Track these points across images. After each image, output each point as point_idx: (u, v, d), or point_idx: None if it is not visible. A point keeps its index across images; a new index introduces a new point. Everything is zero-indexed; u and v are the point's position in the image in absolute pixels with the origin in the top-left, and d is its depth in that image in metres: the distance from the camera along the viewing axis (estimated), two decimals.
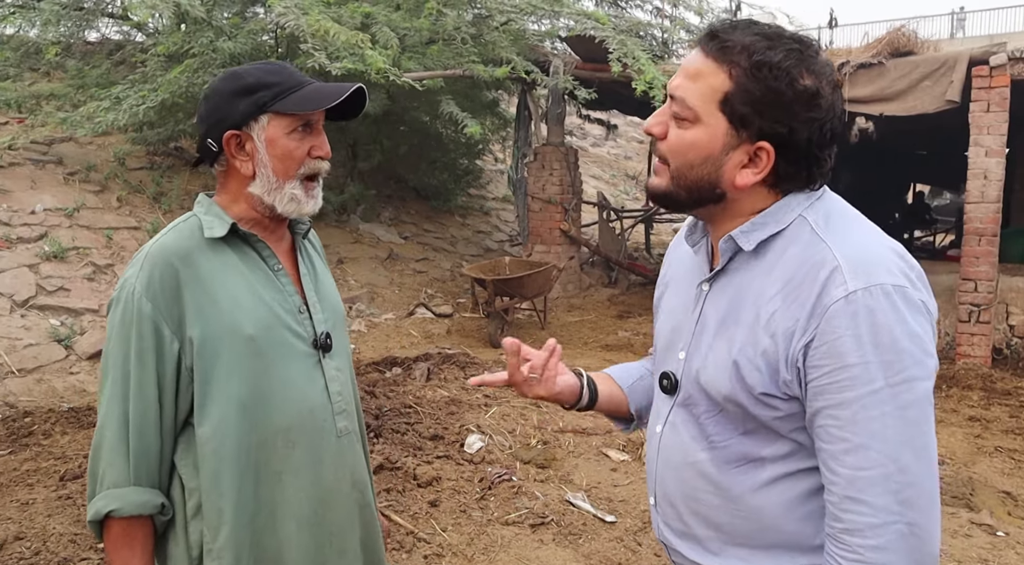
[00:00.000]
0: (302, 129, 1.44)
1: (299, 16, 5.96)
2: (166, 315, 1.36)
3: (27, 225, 6.83)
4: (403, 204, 10.84)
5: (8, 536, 2.87)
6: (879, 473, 1.02)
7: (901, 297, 1.04)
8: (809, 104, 1.07)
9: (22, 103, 7.93)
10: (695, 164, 1.12)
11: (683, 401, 1.23)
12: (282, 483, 1.44)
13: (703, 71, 1.10)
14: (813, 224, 1.12)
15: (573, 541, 3.41)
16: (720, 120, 1.09)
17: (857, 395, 1.02)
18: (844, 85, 6.46)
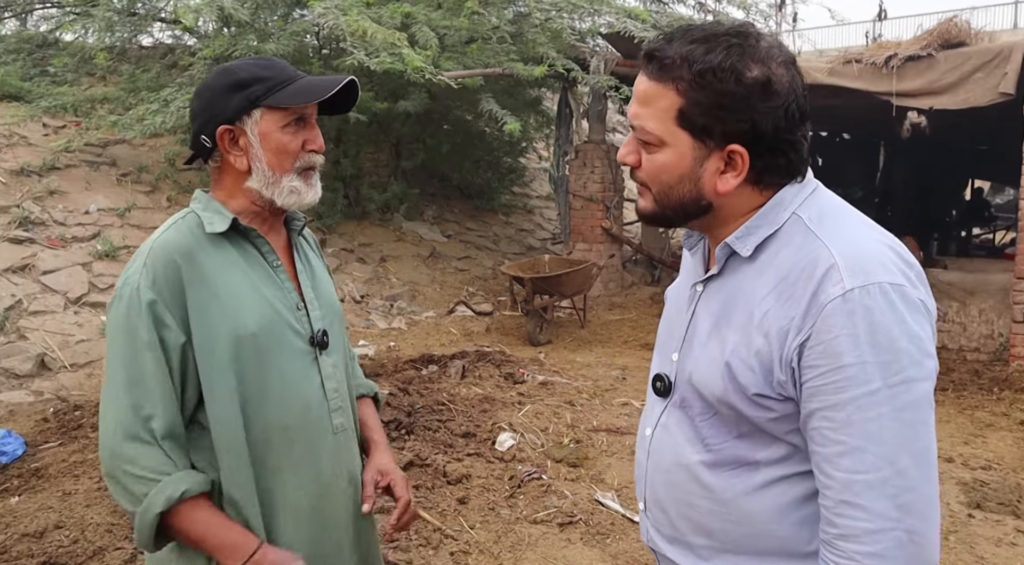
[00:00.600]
0: (295, 123, 1.44)
1: (338, 16, 6.03)
2: (170, 310, 1.36)
3: (81, 225, 7.07)
4: (446, 203, 10.91)
5: (49, 525, 2.97)
6: (876, 477, 0.99)
7: (900, 296, 1.01)
8: (764, 94, 1.05)
9: (78, 107, 8.20)
10: (673, 184, 1.12)
11: (677, 403, 1.21)
12: (281, 479, 1.46)
13: (651, 94, 1.09)
14: (807, 221, 1.10)
15: (601, 541, 3.39)
16: (682, 137, 1.08)
17: (853, 396, 1.00)
18: (892, 79, 6.28)
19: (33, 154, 7.75)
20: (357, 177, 9.32)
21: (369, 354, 6.27)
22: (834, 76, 6.55)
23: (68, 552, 2.79)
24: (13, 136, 8.01)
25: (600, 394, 5.28)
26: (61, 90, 8.42)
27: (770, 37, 1.10)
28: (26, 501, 3.38)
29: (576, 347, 6.89)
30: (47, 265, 6.37)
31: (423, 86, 7.37)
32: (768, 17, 8.88)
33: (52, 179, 7.48)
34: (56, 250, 6.60)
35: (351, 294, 7.76)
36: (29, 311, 5.87)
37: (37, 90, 8.61)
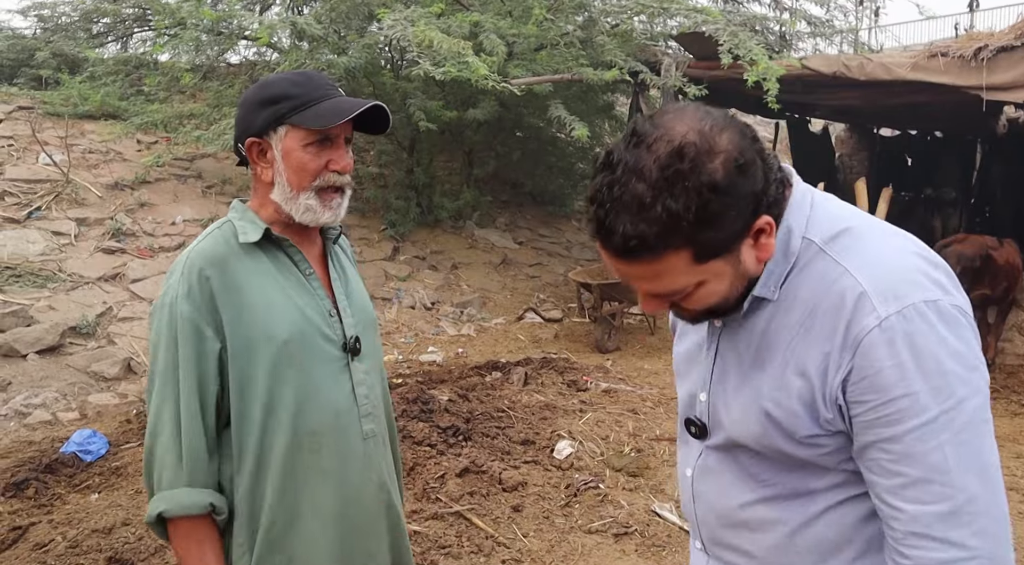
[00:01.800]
0: (319, 142, 1.46)
1: (406, 27, 6.14)
2: (206, 319, 1.40)
3: (168, 235, 7.43)
4: (519, 209, 10.93)
5: (117, 522, 3.12)
6: (947, 507, 0.95)
7: (936, 313, 0.97)
8: (741, 172, 0.95)
9: (167, 123, 8.63)
10: (727, 293, 1.05)
11: (719, 445, 1.16)
12: (309, 484, 1.47)
13: (657, 271, 0.99)
14: (821, 245, 1.04)
15: (656, 553, 3.31)
16: (714, 265, 1.00)
17: (909, 427, 0.96)
18: (981, 72, 5.92)
19: (127, 169, 8.21)
20: (430, 185, 9.45)
21: (437, 361, 6.33)
22: (917, 71, 6.24)
23: (133, 548, 2.92)
24: (110, 152, 8.51)
25: (665, 402, 5.17)
26: (153, 108, 8.88)
27: (687, 120, 0.96)
28: (102, 499, 3.55)
29: (645, 354, 6.78)
30: (136, 274, 6.72)
31: (492, 94, 7.41)
32: (848, 12, 8.53)
33: (143, 192, 7.89)
34: (144, 259, 6.96)
35: (422, 301, 7.86)
36: (118, 317, 6.19)
37: (132, 108, 9.11)
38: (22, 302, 5.87)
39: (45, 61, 10.16)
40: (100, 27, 11.40)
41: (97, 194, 7.62)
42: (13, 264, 6.32)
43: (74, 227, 7.04)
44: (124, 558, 2.86)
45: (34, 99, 9.23)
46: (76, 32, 11.12)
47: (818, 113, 10.41)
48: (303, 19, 6.48)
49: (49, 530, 3.12)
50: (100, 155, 8.36)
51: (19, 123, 8.53)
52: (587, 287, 6.96)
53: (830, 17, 8.00)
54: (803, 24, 7.72)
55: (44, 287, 6.19)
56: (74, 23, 11.26)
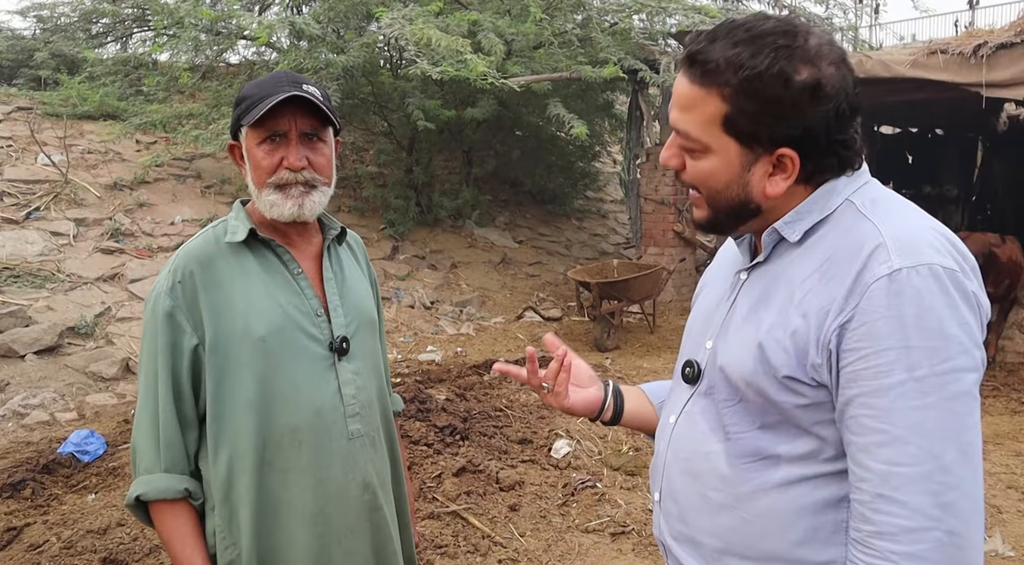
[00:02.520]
0: (270, 140, 1.47)
1: (404, 26, 6.13)
2: (186, 315, 1.44)
3: (166, 235, 7.42)
4: (519, 208, 10.93)
5: (112, 522, 3.11)
6: (918, 471, 0.93)
7: (952, 280, 0.95)
8: (814, 97, 0.99)
9: (166, 123, 8.63)
10: (720, 190, 1.08)
11: (705, 390, 1.17)
12: (288, 481, 1.48)
13: (694, 99, 1.04)
14: (859, 207, 1.05)
15: (653, 552, 3.30)
16: (729, 143, 1.04)
17: (897, 381, 0.94)
18: (980, 69, 5.91)
19: (126, 169, 8.21)
20: (429, 184, 9.44)
21: (436, 360, 6.33)
22: (917, 68, 6.22)
23: (127, 549, 2.91)
24: (109, 152, 8.51)
25: None
26: (152, 108, 8.88)
27: (820, 33, 1.04)
28: (98, 499, 3.55)
29: (644, 353, 6.77)
30: (134, 274, 6.72)
31: (491, 93, 7.40)
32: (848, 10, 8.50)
33: (142, 192, 7.89)
34: (143, 259, 6.95)
35: (421, 300, 7.86)
36: (116, 318, 6.19)
37: (131, 109, 9.11)
38: (20, 302, 5.86)
39: (44, 62, 10.17)
40: (99, 27, 11.40)
41: (96, 194, 7.61)
42: (11, 264, 6.32)
43: (73, 227, 7.04)
44: (118, 559, 2.85)
45: (33, 100, 9.23)
46: (75, 33, 11.13)
47: None
48: (301, 19, 6.47)
49: (44, 531, 3.11)
50: (99, 155, 8.36)
51: (18, 124, 8.53)
52: (586, 286, 6.94)
53: (829, 15, 7.98)
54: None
55: (42, 287, 6.18)
56: (73, 24, 11.27)
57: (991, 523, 3.59)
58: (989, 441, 4.68)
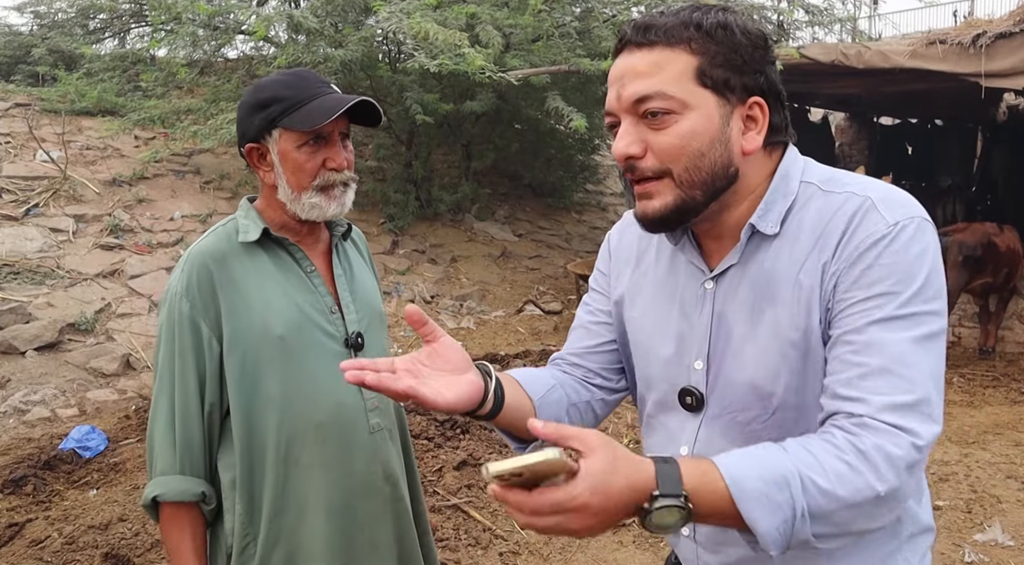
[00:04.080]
0: (313, 142, 1.47)
1: (401, 19, 6.11)
2: (204, 314, 1.44)
3: (166, 231, 7.42)
4: (518, 202, 10.91)
5: (113, 518, 3.12)
6: (908, 399, 0.92)
7: (932, 234, 1.01)
8: (765, 47, 1.06)
9: (165, 119, 8.62)
10: (704, 152, 1.02)
11: (718, 413, 1.10)
12: (313, 476, 1.50)
13: (659, 61, 1.02)
14: (820, 185, 1.07)
15: (654, 545, 3.30)
16: (706, 96, 1.02)
17: (883, 316, 0.95)
18: (980, 59, 5.89)
19: (124, 165, 8.20)
20: (428, 179, 9.43)
21: None
22: (916, 58, 6.20)
23: (129, 544, 2.92)
24: (107, 148, 8.50)
25: None
26: (150, 104, 8.86)
27: None
28: (99, 495, 3.56)
29: None
30: (134, 270, 6.72)
31: (490, 86, 7.39)
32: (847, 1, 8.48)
33: (141, 188, 7.88)
34: (142, 255, 6.95)
35: (421, 294, 7.86)
36: (117, 314, 6.19)
37: (130, 104, 9.10)
38: (20, 299, 5.87)
39: (42, 58, 10.14)
40: (96, 23, 11.37)
41: (95, 190, 7.61)
42: (11, 261, 6.32)
43: (72, 224, 7.04)
44: (120, 554, 2.86)
45: (31, 96, 9.22)
46: (72, 28, 11.10)
47: (817, 102, 10.38)
48: (299, 12, 6.45)
49: (46, 526, 3.12)
50: (98, 151, 8.35)
51: (16, 120, 8.52)
52: (586, 279, 6.94)
53: (829, 5, 7.95)
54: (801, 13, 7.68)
55: (42, 284, 6.19)
56: (70, 19, 11.23)
57: (991, 513, 3.59)
58: (989, 431, 4.69)
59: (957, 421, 4.78)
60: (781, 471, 0.88)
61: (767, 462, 0.90)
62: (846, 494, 0.88)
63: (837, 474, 0.89)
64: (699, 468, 0.88)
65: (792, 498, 0.87)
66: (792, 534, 0.88)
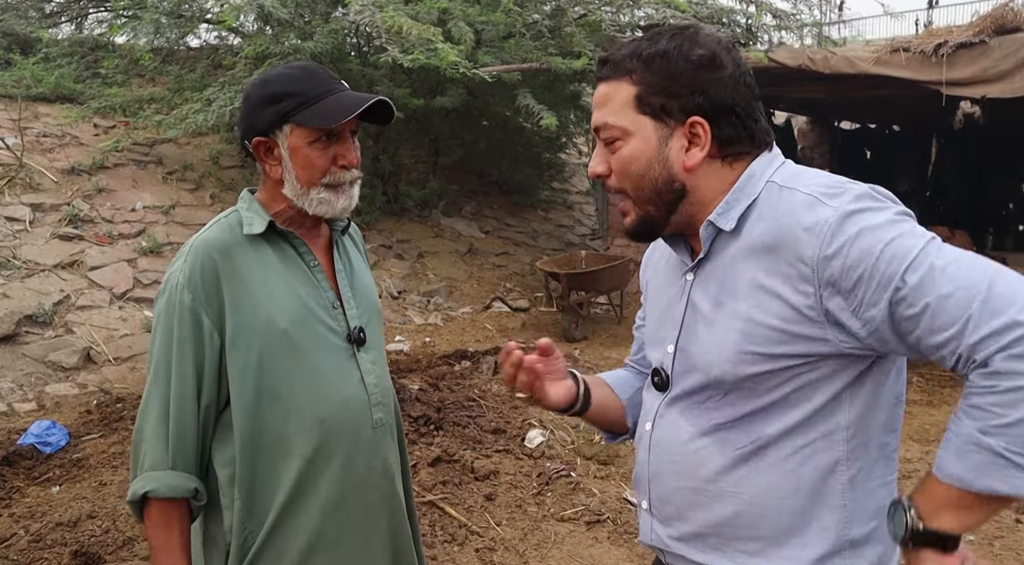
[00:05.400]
0: (325, 139, 1.45)
1: (374, 13, 6.06)
2: (206, 306, 1.41)
3: (127, 222, 7.25)
4: (485, 199, 10.91)
5: (82, 514, 3.04)
6: (979, 303, 0.94)
7: (875, 193, 1.07)
8: (711, 67, 1.11)
9: (126, 107, 8.41)
10: (644, 172, 1.14)
11: (679, 394, 1.20)
12: (315, 470, 1.48)
13: (608, 93, 1.15)
14: (780, 183, 1.13)
15: (629, 540, 3.34)
16: (644, 121, 1.13)
17: (904, 268, 0.98)
18: (941, 67, 6.05)
19: (84, 154, 7.98)
20: (396, 174, 9.37)
21: (404, 350, 6.30)
22: (880, 65, 6.34)
23: (99, 541, 2.85)
24: (66, 136, 8.26)
25: None
26: (111, 91, 8.64)
27: (710, 28, 1.18)
28: (64, 491, 3.47)
29: (612, 344, 6.82)
30: (94, 261, 6.55)
31: (460, 82, 7.37)
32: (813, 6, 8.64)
33: (101, 178, 7.68)
34: (103, 246, 6.78)
35: (388, 290, 7.81)
36: (76, 306, 6.04)
37: (89, 92, 8.85)
38: None
39: None
40: (53, 6, 11.04)
41: (52, 179, 7.39)
42: None
43: (29, 213, 6.83)
44: (90, 552, 2.79)
45: None
46: (27, 11, 10.76)
47: (782, 106, 10.55)
48: (270, 2, 6.35)
49: (11, 524, 3.03)
50: (55, 139, 8.12)
51: None
52: (555, 277, 6.97)
53: (796, 11, 8.09)
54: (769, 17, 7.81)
55: None
56: (24, 2, 10.89)
57: None
58: None
59: (917, 420, 4.91)
60: (966, 438, 0.97)
61: (952, 440, 0.99)
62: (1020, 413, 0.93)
63: (1000, 404, 0.94)
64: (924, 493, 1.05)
65: (990, 446, 0.94)
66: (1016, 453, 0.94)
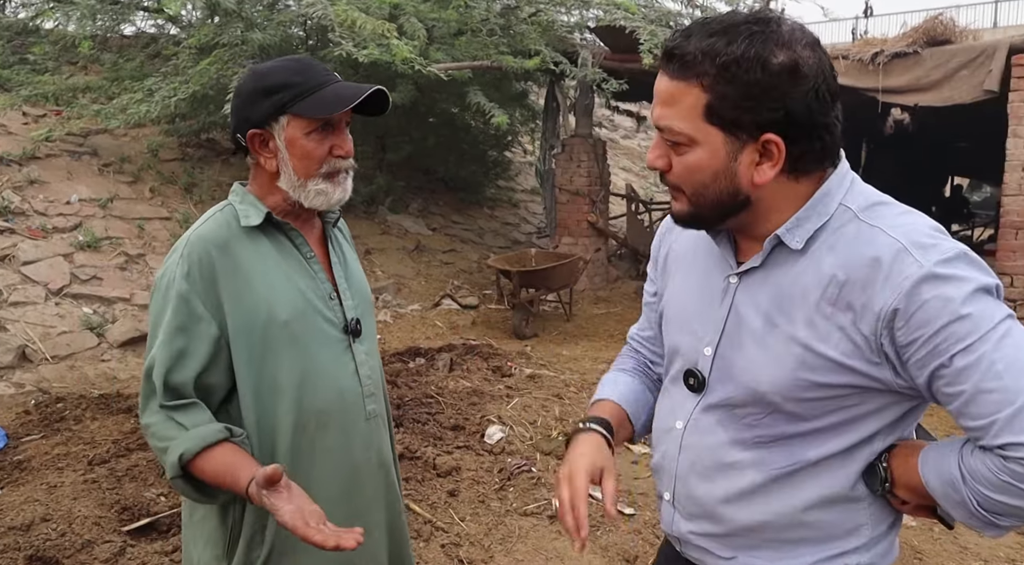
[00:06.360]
0: (322, 129, 1.46)
1: (326, 6, 5.98)
2: (205, 299, 1.41)
3: (62, 215, 6.97)
4: (432, 196, 10.87)
5: (35, 518, 2.93)
6: (1011, 410, 0.95)
7: (968, 260, 1.02)
8: (792, 78, 1.02)
9: (59, 96, 8.07)
10: (708, 183, 1.08)
11: (718, 402, 1.19)
12: (315, 463, 1.49)
13: (675, 94, 1.06)
14: (857, 211, 1.08)
15: (591, 533, 3.39)
16: (713, 133, 1.05)
17: (957, 350, 0.97)
18: (878, 75, 6.32)
19: (12, 143, 7.62)
20: None
21: None
22: None
23: (56, 545, 2.75)
24: None
25: (587, 387, 5.29)
26: (42, 79, 8.28)
27: (791, 20, 1.06)
28: (9, 494, 3.33)
29: (562, 341, 6.90)
30: (27, 255, 6.28)
31: (410, 78, 7.33)
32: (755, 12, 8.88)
33: (32, 169, 7.36)
34: (37, 240, 6.51)
35: None
36: (9, 302, 5.78)
37: (16, 78, 8.46)
38: None
39: None
40: None
41: None
42: None
43: None
44: (47, 556, 2.69)
45: None
46: None
47: None
48: None
49: None
50: None
51: None
52: (507, 274, 7.01)
53: (769, 7, 8.31)
54: None
55: None
56: None
57: None
58: None
59: None
60: (949, 475, 1.05)
61: (943, 461, 1.06)
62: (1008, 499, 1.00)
63: (991, 485, 1.00)
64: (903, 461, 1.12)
65: (964, 497, 1.03)
66: None
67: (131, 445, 3.85)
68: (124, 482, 3.37)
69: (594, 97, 9.21)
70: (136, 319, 6.15)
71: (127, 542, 2.89)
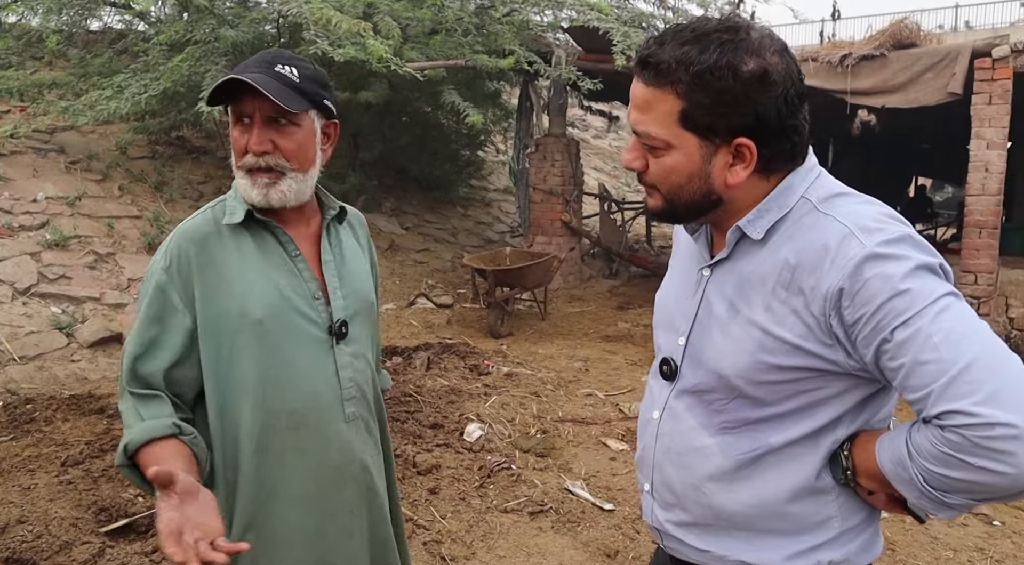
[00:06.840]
0: (240, 122, 1.44)
1: (301, 4, 5.94)
2: (181, 292, 1.42)
3: (29, 213, 6.83)
4: (405, 195, 10.84)
5: (11, 520, 2.89)
6: (946, 380, 0.98)
7: (912, 242, 1.06)
8: (763, 84, 1.06)
9: (24, 92, 7.92)
10: (683, 184, 1.14)
11: (689, 388, 1.23)
12: (284, 464, 1.47)
13: (651, 100, 1.11)
14: (816, 203, 1.13)
15: (572, 529, 3.43)
16: (688, 138, 1.10)
17: (897, 324, 1.00)
18: (846, 77, 6.45)
19: None
20: None
21: None
22: None
23: (33, 547, 2.71)
24: None
25: (564, 385, 5.33)
26: (6, 74, 8.11)
27: (760, 27, 1.11)
28: None
29: (537, 339, 6.93)
30: None
31: (384, 77, 7.31)
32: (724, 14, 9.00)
33: None
34: (3, 239, 6.38)
35: None
36: None
37: None
38: None
39: None
40: None
41: None
42: None
43: None
44: (24, 558, 2.65)
45: None
46: None
47: None
48: None
49: None
50: None
51: None
52: (482, 273, 7.02)
53: (737, 13, 8.42)
54: None
55: None
56: None
57: None
58: None
59: None
60: (898, 454, 1.07)
61: (895, 443, 1.08)
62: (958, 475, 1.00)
63: (934, 458, 1.02)
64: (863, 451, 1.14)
65: (911, 474, 1.05)
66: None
67: (105, 446, 3.81)
68: (100, 483, 3.34)
69: (567, 97, 9.26)
70: (106, 319, 6.06)
71: (106, 543, 2.86)
